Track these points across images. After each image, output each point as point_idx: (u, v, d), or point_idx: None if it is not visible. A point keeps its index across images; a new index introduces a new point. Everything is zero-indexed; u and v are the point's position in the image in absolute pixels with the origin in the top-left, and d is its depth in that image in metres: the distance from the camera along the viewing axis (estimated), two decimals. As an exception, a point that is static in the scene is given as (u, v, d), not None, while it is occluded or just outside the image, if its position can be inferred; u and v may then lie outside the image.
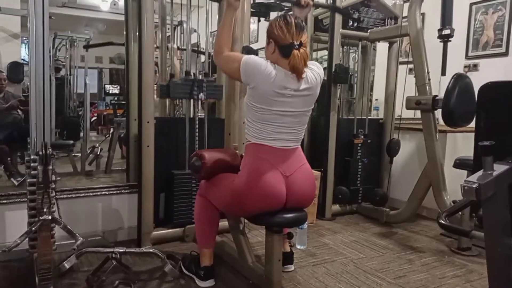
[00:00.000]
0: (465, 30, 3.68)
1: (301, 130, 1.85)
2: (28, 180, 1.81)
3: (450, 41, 2.66)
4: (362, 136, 3.41)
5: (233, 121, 2.60)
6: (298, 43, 1.70)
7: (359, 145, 3.38)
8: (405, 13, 3.14)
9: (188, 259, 2.17)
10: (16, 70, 3.86)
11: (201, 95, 2.61)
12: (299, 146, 1.89)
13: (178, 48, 3.52)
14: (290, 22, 1.72)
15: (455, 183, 2.89)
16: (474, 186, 0.99)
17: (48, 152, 1.62)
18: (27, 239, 1.88)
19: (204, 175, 2.02)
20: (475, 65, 3.61)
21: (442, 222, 1.32)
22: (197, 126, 2.68)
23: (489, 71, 3.45)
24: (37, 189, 1.71)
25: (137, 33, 2.50)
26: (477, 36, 3.62)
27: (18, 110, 3.68)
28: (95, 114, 7.09)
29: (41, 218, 1.69)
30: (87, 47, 4.99)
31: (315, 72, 1.79)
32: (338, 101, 3.39)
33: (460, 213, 2.50)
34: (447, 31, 2.61)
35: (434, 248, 2.70)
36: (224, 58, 1.87)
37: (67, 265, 2.07)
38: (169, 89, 2.59)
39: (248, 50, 2.36)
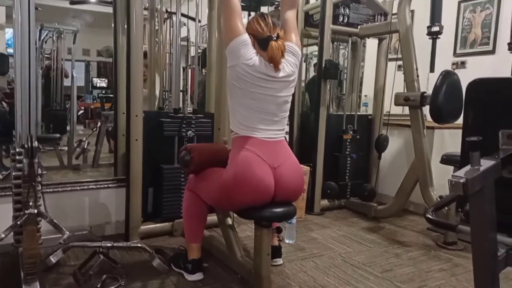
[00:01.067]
0: (454, 28, 3.71)
1: (284, 118, 1.89)
2: (13, 174, 1.77)
3: (439, 38, 2.69)
4: (351, 132, 3.43)
5: (222, 116, 2.59)
6: (275, 35, 1.78)
7: (348, 140, 3.40)
8: (395, 10, 3.16)
9: (177, 256, 2.17)
10: (1, 61, 3.77)
11: (190, 133, 2.65)
12: (284, 139, 1.91)
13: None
14: (267, 19, 1.83)
15: (441, 179, 2.93)
16: (461, 180, 1.00)
17: (33, 145, 1.59)
18: (12, 234, 1.85)
19: (193, 169, 2.01)
20: (463, 63, 3.65)
21: (429, 216, 1.33)
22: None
23: (477, 69, 3.50)
24: (22, 182, 1.68)
25: (126, 26, 2.46)
26: (465, 34, 3.66)
27: (3, 103, 3.61)
28: (82, 108, 6.99)
29: (26, 212, 1.66)
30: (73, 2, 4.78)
31: (291, 62, 1.84)
32: (327, 97, 3.40)
33: (446, 208, 2.53)
34: (436, 28, 2.63)
35: (421, 242, 2.74)
36: (230, 11, 1.81)
37: (53, 259, 2.02)
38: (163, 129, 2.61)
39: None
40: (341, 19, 3.29)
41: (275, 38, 1.77)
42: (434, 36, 2.67)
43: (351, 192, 3.46)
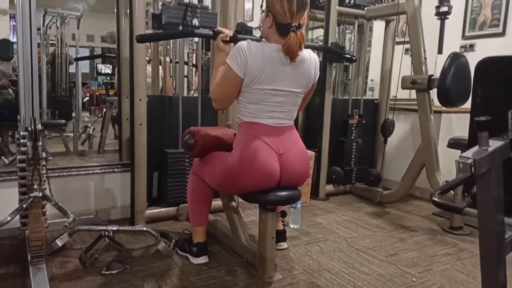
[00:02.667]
0: (462, 10, 3.63)
1: (293, 110, 1.83)
2: (18, 157, 1.78)
3: (448, 18, 2.63)
4: (357, 117, 3.39)
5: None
6: (296, 24, 1.65)
7: (354, 125, 3.37)
8: (402, -9, 3.09)
9: (181, 240, 2.17)
10: (5, 47, 3.77)
11: (195, 21, 2.45)
12: (293, 124, 1.87)
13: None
14: None
15: (448, 164, 2.89)
16: (469, 161, 0.98)
17: (37, 127, 1.58)
18: (19, 218, 1.87)
19: (197, 153, 2.00)
20: (472, 46, 3.58)
21: (436, 199, 1.32)
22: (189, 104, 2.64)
23: (486, 52, 3.35)
24: (27, 165, 1.69)
25: (128, 10, 2.43)
26: (474, 16, 3.58)
27: (9, 90, 3.61)
28: (87, 94, 7.00)
29: (31, 195, 1.67)
30: (77, 59, 4.80)
31: (311, 54, 1.79)
32: (333, 81, 3.36)
33: (452, 192, 2.52)
34: (444, 8, 2.58)
35: (426, 227, 2.72)
36: (218, 84, 1.75)
37: (59, 242, 2.06)
38: (161, 18, 2.42)
39: (242, 27, 2.30)
40: (347, 0, 3.22)
41: (295, 28, 1.64)
42: (442, 16, 2.61)
43: (356, 177, 3.44)
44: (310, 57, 1.78)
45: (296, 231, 2.54)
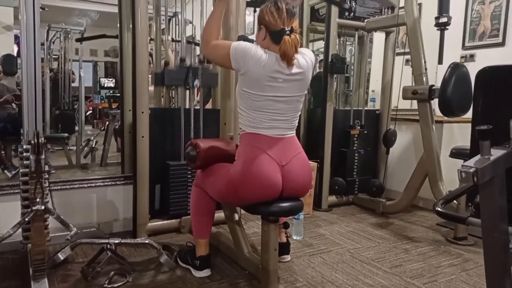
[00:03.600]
0: (462, 20, 3.65)
1: (295, 117, 1.84)
2: (21, 170, 1.78)
3: (447, 29, 2.65)
4: (359, 127, 3.40)
5: (228, 111, 2.58)
6: (289, 29, 1.70)
7: (356, 136, 3.37)
8: (402, 3, 3.12)
9: (184, 251, 2.16)
10: (9, 62, 3.81)
11: (196, 82, 2.55)
12: (295, 134, 1.88)
13: (172, 40, 3.49)
14: (281, 8, 1.71)
15: (451, 173, 2.89)
16: (471, 170, 0.97)
17: (40, 141, 1.59)
18: (21, 231, 1.86)
19: (199, 165, 2.00)
20: (472, 56, 3.59)
21: (439, 209, 1.31)
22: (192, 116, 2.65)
23: (486, 62, 3.36)
24: (29, 179, 1.69)
25: (131, 24, 2.46)
26: (474, 26, 3.60)
27: (13, 104, 3.65)
28: (91, 108, 7.05)
29: (34, 208, 1.67)
30: (80, 40, 4.93)
31: (306, 56, 1.79)
32: (334, 92, 3.37)
33: (456, 202, 2.50)
34: (444, 19, 2.60)
35: (430, 238, 2.70)
36: (213, 47, 1.83)
37: (61, 256, 2.05)
38: (163, 77, 2.53)
39: (244, 39, 2.32)
40: (347, 13, 3.25)
41: (288, 31, 1.69)
42: (442, 27, 2.63)
43: (359, 188, 3.43)
44: (306, 60, 1.79)
45: (299, 243, 2.53)
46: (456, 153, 2.64)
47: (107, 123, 4.46)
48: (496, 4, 3.43)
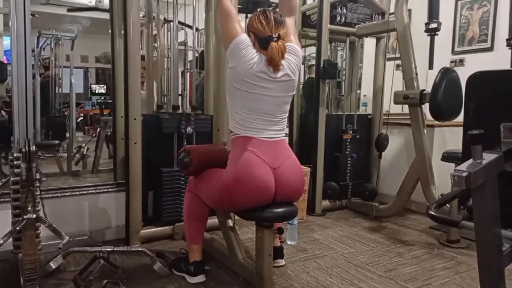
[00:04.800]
0: (451, 25, 3.71)
1: (284, 118, 1.88)
2: (12, 179, 1.76)
3: (437, 34, 2.68)
4: (351, 132, 3.42)
5: (221, 117, 2.59)
6: (276, 35, 1.75)
7: (348, 140, 3.39)
8: (392, 9, 3.15)
9: (178, 259, 2.15)
10: (-1, 69, 3.77)
11: (189, 129, 2.61)
12: (284, 137, 1.90)
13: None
14: (269, 16, 1.79)
15: (443, 177, 2.91)
16: (464, 174, 0.98)
17: (31, 149, 1.57)
18: (11, 239, 1.83)
19: (192, 171, 1.99)
20: (461, 60, 3.65)
21: (432, 213, 1.31)
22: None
23: (475, 66, 3.45)
24: (20, 187, 1.67)
25: (123, 31, 2.46)
26: (463, 32, 3.66)
27: (2, 112, 3.61)
28: (82, 114, 6.99)
29: (25, 217, 1.65)
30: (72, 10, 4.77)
31: (291, 61, 1.83)
32: (326, 97, 3.39)
33: (448, 205, 2.52)
34: (434, 25, 2.63)
35: (424, 241, 2.72)
36: (225, 16, 1.82)
37: (53, 265, 2.02)
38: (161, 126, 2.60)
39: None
40: (338, 19, 3.29)
41: (275, 38, 1.74)
42: (432, 32, 2.67)
43: (352, 192, 3.44)
44: (293, 65, 1.82)
45: (293, 248, 2.52)
46: (448, 157, 2.67)
47: (98, 129, 4.43)
48: (484, 10, 3.49)
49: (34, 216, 1.66)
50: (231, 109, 1.85)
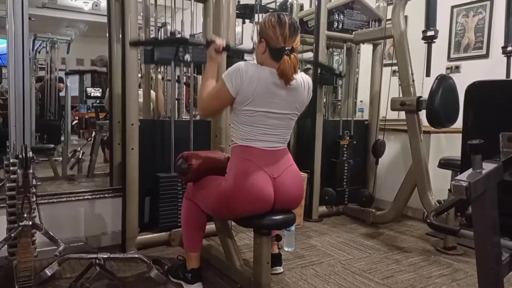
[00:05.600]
0: (447, 32, 3.74)
1: (287, 133, 1.84)
2: (7, 185, 1.74)
3: (434, 42, 2.70)
4: (348, 138, 3.42)
5: (219, 123, 2.58)
6: (289, 48, 1.68)
7: (345, 146, 3.40)
8: (389, 16, 3.18)
9: (174, 267, 2.13)
10: (-6, 72, 3.75)
11: (187, 57, 2.46)
12: (286, 147, 1.88)
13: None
14: (284, 22, 1.68)
15: (439, 183, 2.93)
16: (464, 184, 0.98)
17: (28, 155, 1.56)
18: (6, 247, 1.81)
19: (190, 178, 1.98)
20: (457, 67, 3.68)
21: (431, 221, 1.32)
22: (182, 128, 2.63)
23: (471, 73, 3.52)
24: (16, 193, 1.65)
25: (121, 35, 2.45)
26: (459, 39, 3.69)
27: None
28: (77, 118, 6.96)
29: (21, 224, 1.63)
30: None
31: (304, 77, 1.80)
32: (323, 102, 3.40)
33: (445, 212, 2.53)
34: (431, 33, 2.64)
35: (420, 247, 2.72)
36: (208, 96, 1.77)
37: (48, 272, 1.99)
38: (153, 53, 2.42)
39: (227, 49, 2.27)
40: (335, 25, 3.30)
41: (288, 51, 1.66)
42: (429, 40, 2.68)
43: (349, 198, 3.44)
44: (303, 81, 1.80)
45: (290, 254, 2.52)
46: (445, 164, 2.68)
47: (93, 133, 4.41)
48: (480, 17, 3.52)
49: (30, 223, 1.64)
50: (233, 122, 1.81)
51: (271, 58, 1.71)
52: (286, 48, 1.67)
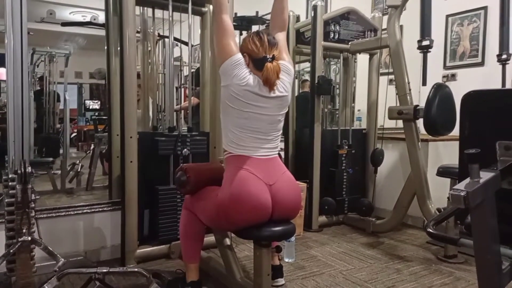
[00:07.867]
0: (442, 41, 3.77)
1: (277, 136, 1.89)
2: (6, 200, 1.74)
3: (430, 51, 2.73)
4: (346, 147, 3.43)
5: (218, 135, 2.58)
6: (270, 56, 1.77)
7: (344, 155, 3.40)
8: (384, 26, 3.21)
9: (174, 280, 2.12)
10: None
11: (185, 151, 2.60)
12: (277, 155, 1.90)
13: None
14: (263, 38, 1.80)
15: (439, 191, 2.93)
16: (462, 194, 0.99)
17: (27, 170, 1.56)
18: (5, 263, 1.80)
19: (190, 190, 1.98)
20: (453, 75, 3.70)
21: (431, 230, 1.32)
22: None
23: (467, 81, 3.54)
24: (15, 209, 1.65)
25: (119, 48, 2.47)
26: (454, 47, 3.72)
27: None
28: (75, 130, 6.96)
29: (20, 239, 1.62)
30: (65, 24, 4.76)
31: (285, 80, 1.85)
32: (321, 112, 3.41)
33: (445, 221, 2.52)
34: (426, 42, 2.67)
35: (421, 256, 2.71)
36: (222, 32, 1.82)
37: (47, 287, 1.98)
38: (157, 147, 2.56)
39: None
40: (332, 35, 3.33)
41: (270, 59, 1.77)
42: (424, 49, 2.71)
43: (348, 208, 3.44)
44: (286, 85, 1.84)
45: (291, 265, 2.50)
46: (443, 172, 2.68)
47: (92, 146, 4.40)
48: (474, 26, 3.56)
49: (29, 238, 1.63)
50: (224, 128, 1.86)
51: (255, 69, 1.79)
52: (268, 57, 1.77)
